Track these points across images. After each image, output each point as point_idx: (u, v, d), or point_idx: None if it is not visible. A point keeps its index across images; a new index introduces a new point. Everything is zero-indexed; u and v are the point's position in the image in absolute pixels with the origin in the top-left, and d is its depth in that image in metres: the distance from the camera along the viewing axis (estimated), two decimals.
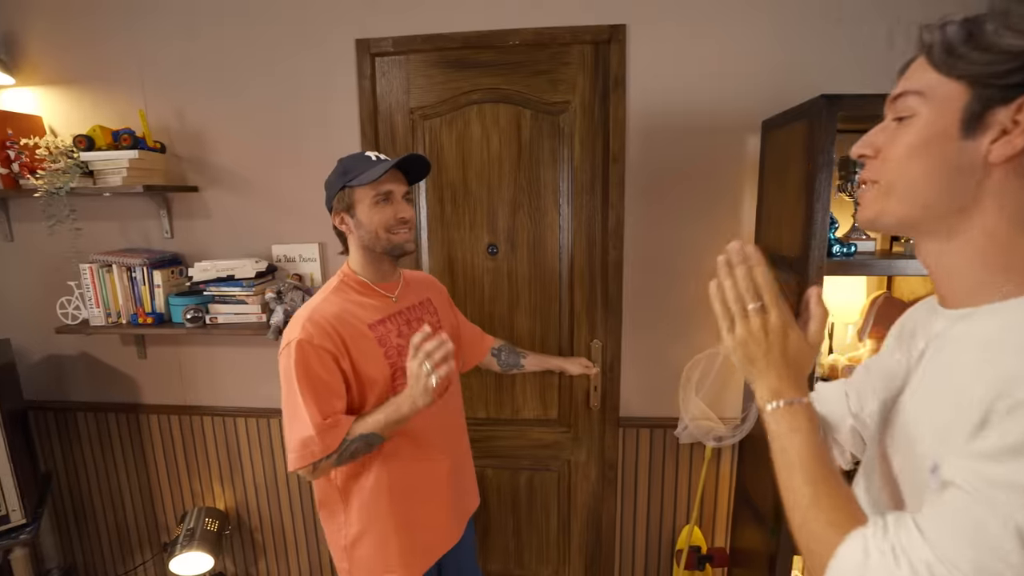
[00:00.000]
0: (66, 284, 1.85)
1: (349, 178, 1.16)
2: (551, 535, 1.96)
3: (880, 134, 0.57)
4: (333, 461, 1.09)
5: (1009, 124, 0.48)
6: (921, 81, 0.53)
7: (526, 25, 1.62)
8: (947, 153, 0.51)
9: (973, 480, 0.45)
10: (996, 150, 0.48)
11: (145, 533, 2.16)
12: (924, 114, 0.52)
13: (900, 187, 0.54)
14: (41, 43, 1.81)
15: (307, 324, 1.11)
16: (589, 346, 1.80)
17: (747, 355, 0.62)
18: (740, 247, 0.64)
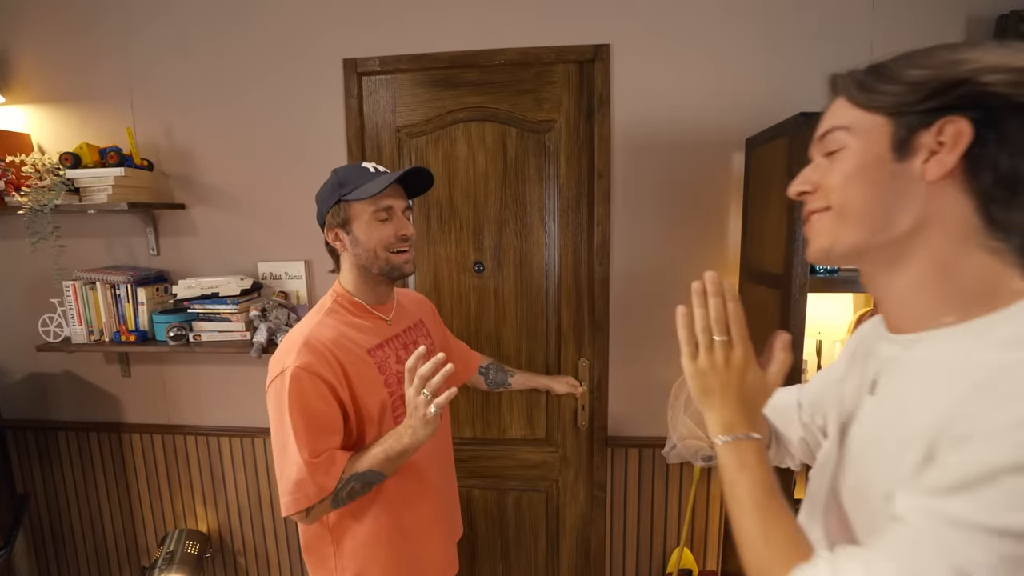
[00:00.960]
0: (48, 301, 1.83)
1: (345, 191, 1.06)
2: (539, 558, 1.92)
3: (814, 171, 0.59)
4: (329, 504, 0.99)
5: (935, 145, 0.50)
6: (846, 117, 0.55)
7: (511, 45, 1.64)
8: (884, 176, 0.52)
9: (917, 516, 0.46)
10: (930, 170, 0.50)
11: (124, 556, 2.11)
12: (854, 145, 0.54)
13: (851, 210, 0.55)
14: (31, 62, 1.83)
15: (303, 350, 1.00)
16: (576, 364, 1.78)
17: (705, 385, 0.63)
18: (715, 278, 0.65)
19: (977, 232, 0.50)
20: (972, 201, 0.49)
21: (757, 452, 0.60)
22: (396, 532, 1.11)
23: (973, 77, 0.47)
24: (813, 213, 0.59)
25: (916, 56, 0.52)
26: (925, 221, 0.51)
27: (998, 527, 0.42)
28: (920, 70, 0.50)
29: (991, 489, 0.42)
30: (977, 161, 0.48)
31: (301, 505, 0.97)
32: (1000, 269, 0.50)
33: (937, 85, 0.49)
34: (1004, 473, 0.42)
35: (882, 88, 0.52)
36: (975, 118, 0.48)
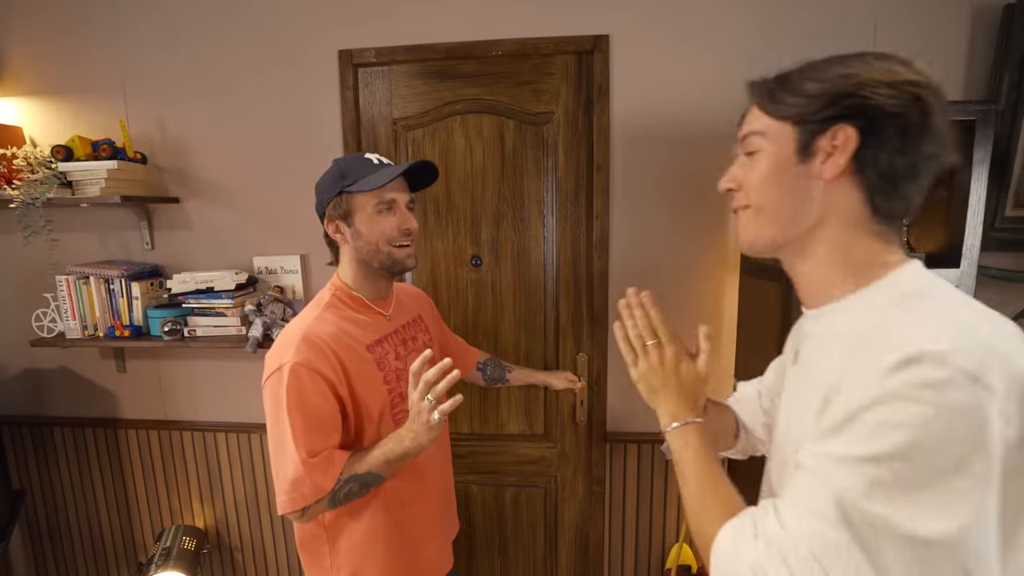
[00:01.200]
0: (42, 296, 1.82)
1: (348, 182, 1.03)
2: (538, 554, 1.91)
3: (739, 169, 0.68)
4: (326, 504, 0.97)
5: (830, 148, 0.59)
6: (760, 123, 0.65)
7: (509, 36, 1.61)
8: (791, 177, 0.62)
9: (811, 459, 0.54)
10: (826, 170, 0.60)
11: (122, 552, 2.10)
12: (767, 148, 0.64)
13: (766, 209, 0.65)
14: (23, 54, 1.80)
15: (302, 345, 0.97)
16: (575, 359, 1.76)
17: (649, 386, 0.74)
18: (636, 292, 0.76)
19: (865, 219, 0.60)
20: (861, 194, 0.60)
21: (698, 432, 0.70)
22: (393, 531, 1.10)
23: (857, 91, 0.57)
24: (738, 209, 0.68)
25: (814, 69, 0.61)
26: (825, 214, 0.61)
27: (863, 455, 0.49)
28: (816, 83, 0.59)
29: (855, 425, 0.51)
30: (863, 161, 0.58)
31: (297, 504, 0.96)
32: (883, 247, 0.61)
33: (830, 98, 0.58)
34: (863, 410, 0.50)
35: (787, 100, 0.61)
36: (860, 125, 0.57)
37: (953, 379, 0.47)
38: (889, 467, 0.48)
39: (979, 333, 0.51)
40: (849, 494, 0.49)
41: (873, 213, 0.60)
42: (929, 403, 0.47)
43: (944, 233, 1.31)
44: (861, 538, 0.48)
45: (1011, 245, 1.54)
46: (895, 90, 0.56)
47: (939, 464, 0.47)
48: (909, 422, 0.48)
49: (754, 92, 0.66)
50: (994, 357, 0.49)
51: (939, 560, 0.47)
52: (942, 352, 0.48)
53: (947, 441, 0.47)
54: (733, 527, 0.59)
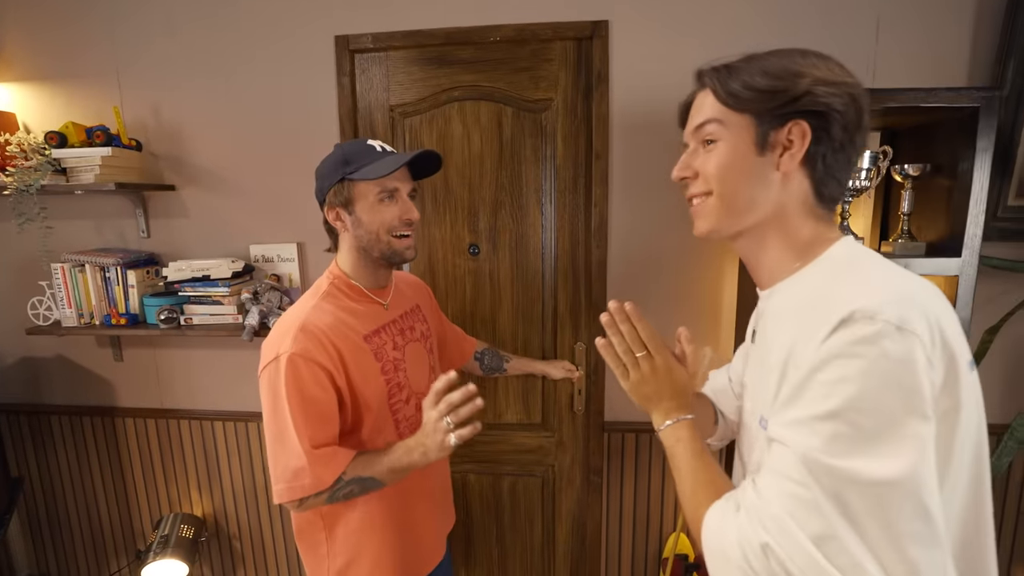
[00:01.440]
0: (37, 284, 1.81)
1: (350, 169, 1.01)
2: (535, 542, 1.91)
3: (693, 157, 0.70)
4: (324, 499, 0.97)
5: (786, 142, 0.64)
6: (717, 112, 0.67)
7: (507, 21, 1.59)
8: (750, 167, 0.66)
9: (777, 428, 0.58)
10: (784, 163, 0.64)
11: (120, 540, 2.11)
12: (726, 137, 0.66)
13: (727, 196, 0.67)
14: (16, 39, 1.78)
15: (300, 335, 0.96)
16: (573, 348, 1.76)
17: (643, 395, 0.76)
18: (619, 307, 0.76)
19: (812, 206, 0.66)
20: (809, 184, 0.65)
21: (689, 427, 0.72)
22: (389, 521, 1.10)
23: (811, 89, 0.61)
24: (695, 196, 0.71)
25: (764, 63, 0.64)
26: (781, 203, 0.66)
27: (818, 414, 0.54)
28: (770, 79, 0.63)
29: (808, 389, 0.55)
30: (813, 155, 0.63)
31: (296, 495, 0.95)
32: (825, 227, 0.68)
33: (787, 95, 0.62)
34: (812, 373, 0.55)
35: (744, 92, 0.64)
36: (812, 122, 0.62)
37: (882, 331, 0.52)
38: (842, 421, 0.52)
39: (901, 289, 0.57)
40: (812, 452, 0.53)
41: (818, 200, 0.66)
42: (865, 356, 0.52)
43: (946, 222, 1.29)
44: (827, 491, 0.52)
45: (1013, 235, 1.53)
46: (839, 89, 0.61)
47: (885, 410, 0.52)
48: (851, 376, 0.52)
49: (710, 81, 0.68)
50: (916, 308, 0.54)
51: (900, 498, 0.51)
52: (869, 309, 0.54)
53: (887, 388, 0.52)
54: (719, 507, 0.63)
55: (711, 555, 0.62)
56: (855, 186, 1.31)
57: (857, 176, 1.29)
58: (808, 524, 0.52)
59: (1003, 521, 1.68)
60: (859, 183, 1.30)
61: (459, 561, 1.94)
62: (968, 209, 1.21)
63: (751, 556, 0.56)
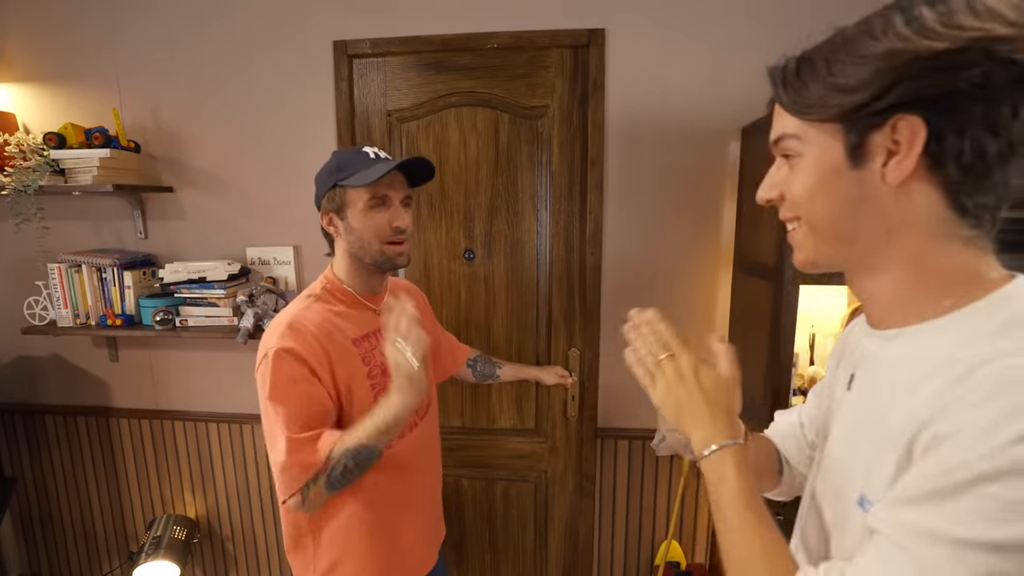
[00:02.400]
0: (34, 284, 1.81)
1: (342, 176, 1.02)
2: (527, 548, 1.91)
3: (778, 174, 0.57)
4: (324, 487, 0.93)
5: (891, 145, 0.47)
6: (792, 125, 0.53)
7: (504, 28, 1.60)
8: (844, 186, 0.50)
9: (894, 527, 0.44)
10: (890, 174, 0.47)
11: (113, 540, 2.11)
12: (808, 154, 0.52)
13: (819, 226, 0.54)
14: (17, 40, 1.79)
15: (287, 332, 0.97)
16: (567, 354, 1.76)
17: (675, 404, 0.62)
18: (639, 312, 0.67)
19: (950, 223, 0.48)
20: (940, 194, 0.47)
21: (736, 462, 0.57)
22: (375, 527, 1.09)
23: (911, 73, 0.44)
24: (787, 222, 0.58)
25: (849, 46, 0.48)
26: (896, 224, 0.49)
27: (975, 540, 0.39)
28: (856, 67, 0.47)
29: (968, 499, 0.40)
30: (939, 154, 0.46)
31: (292, 487, 0.93)
32: (976, 259, 0.49)
33: (879, 87, 0.45)
34: (982, 481, 0.39)
35: (820, 97, 0.49)
36: (924, 112, 0.45)
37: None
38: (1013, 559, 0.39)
39: None
40: None
41: (960, 215, 0.47)
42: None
43: None
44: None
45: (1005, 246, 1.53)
46: (963, 56, 0.42)
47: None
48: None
49: (776, 88, 0.53)
50: None
51: None
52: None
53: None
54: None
55: None
56: None
57: None
58: None
59: None
60: None
61: (451, 565, 1.94)
62: None
63: None
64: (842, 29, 0.51)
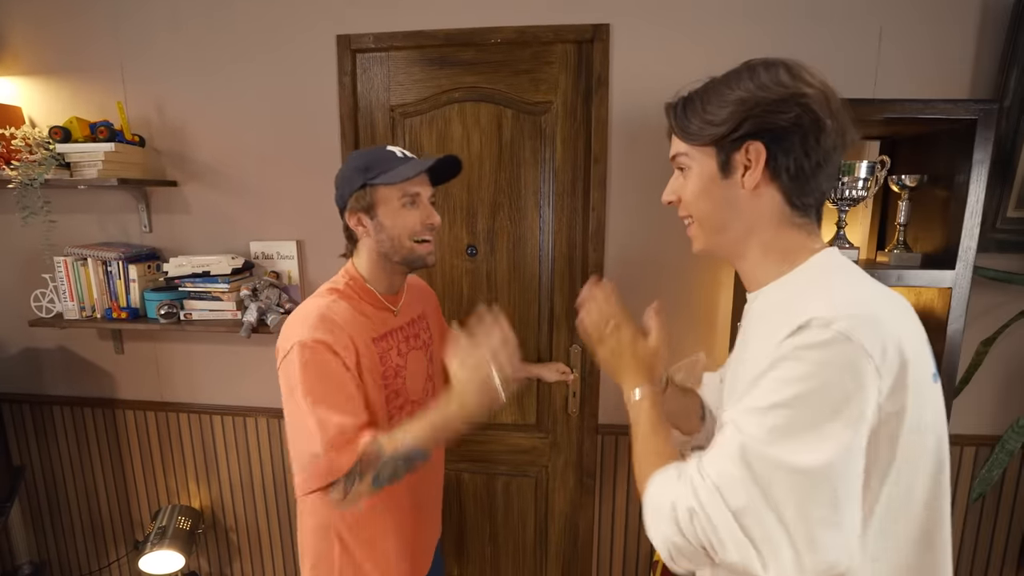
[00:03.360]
0: (40, 277, 1.83)
1: (372, 175, 1.01)
2: (528, 542, 1.92)
3: (675, 183, 0.77)
4: (369, 483, 0.90)
5: (746, 162, 0.68)
6: (683, 147, 0.74)
7: (508, 23, 1.59)
8: (718, 191, 0.71)
9: (732, 415, 0.64)
10: (747, 182, 0.69)
11: (120, 530, 2.14)
12: (694, 167, 0.73)
13: (704, 221, 0.75)
14: (23, 33, 1.80)
15: (319, 323, 0.95)
16: (568, 351, 1.76)
17: (613, 365, 0.84)
18: (595, 284, 0.87)
19: (787, 215, 0.70)
20: (780, 195, 0.69)
21: (652, 400, 0.79)
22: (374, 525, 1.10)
23: (754, 113, 0.66)
24: (684, 219, 0.78)
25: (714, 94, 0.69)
26: (754, 218, 0.71)
27: (762, 406, 0.60)
28: (720, 108, 0.68)
29: (760, 384, 0.61)
30: (776, 169, 0.67)
31: (311, 486, 0.91)
32: (806, 236, 0.71)
33: (735, 123, 0.67)
34: (766, 371, 0.61)
35: (699, 129, 0.70)
36: (765, 140, 0.66)
37: (831, 339, 0.58)
38: (780, 415, 0.59)
39: (863, 303, 0.62)
40: (751, 440, 0.59)
41: (793, 209, 0.69)
42: (810, 361, 0.58)
43: (942, 234, 1.29)
44: (756, 473, 0.58)
45: (1012, 247, 1.52)
46: (785, 104, 0.65)
47: (817, 411, 0.57)
48: (795, 377, 0.59)
49: (670, 120, 0.75)
50: (870, 321, 0.59)
51: (815, 486, 0.57)
52: (824, 317, 0.59)
53: (823, 392, 0.57)
54: (663, 473, 0.69)
55: (649, 510, 0.69)
56: (852, 195, 1.31)
57: (854, 186, 1.29)
58: (733, 499, 0.59)
59: (995, 531, 1.68)
60: (856, 192, 1.30)
61: (452, 559, 1.96)
62: (963, 221, 1.21)
63: (681, 518, 0.63)
64: (712, 79, 0.72)
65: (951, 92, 1.46)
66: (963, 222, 1.21)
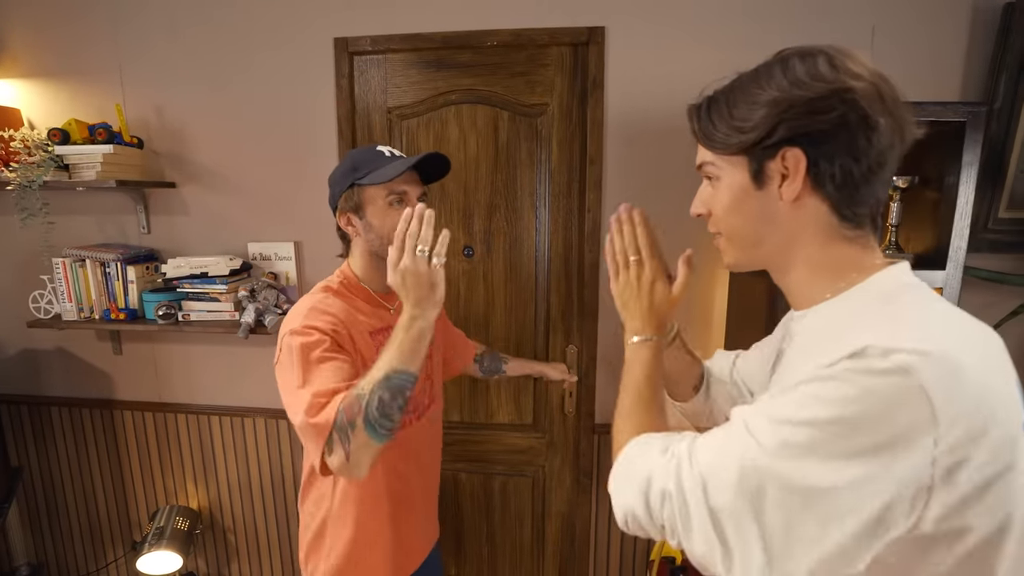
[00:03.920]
0: (39, 278, 1.84)
1: (359, 175, 1.02)
2: (525, 542, 1.93)
3: (704, 193, 0.69)
4: (363, 429, 0.84)
5: (783, 171, 0.59)
6: (709, 155, 0.65)
7: (504, 26, 1.60)
8: (752, 204, 0.63)
9: (746, 412, 0.57)
10: (784, 193, 0.60)
11: (117, 530, 2.14)
12: (724, 178, 0.64)
13: (735, 237, 0.67)
14: (21, 35, 1.81)
15: (311, 313, 0.98)
16: (564, 351, 1.77)
17: (624, 300, 0.78)
18: (629, 209, 0.79)
19: (835, 227, 0.60)
20: (825, 206, 0.60)
21: (653, 351, 0.74)
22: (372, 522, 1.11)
23: (789, 116, 0.57)
24: (715, 233, 0.70)
25: (743, 94, 0.61)
26: (795, 232, 0.62)
27: (784, 418, 0.52)
28: (749, 111, 0.59)
29: (790, 394, 0.54)
30: (818, 177, 0.58)
31: (319, 445, 0.87)
32: (860, 252, 0.61)
33: (767, 128, 0.58)
34: (800, 384, 0.53)
35: (725, 135, 0.62)
36: (804, 145, 0.57)
37: (888, 370, 0.48)
38: (803, 432, 0.51)
39: (936, 338, 0.51)
40: (758, 449, 0.53)
41: (842, 220, 0.60)
42: (857, 385, 0.49)
43: (933, 234, 1.30)
44: (751, 482, 0.52)
45: (1004, 247, 1.53)
46: (826, 102, 0.55)
47: (847, 441, 0.49)
48: (833, 399, 0.50)
49: (693, 125, 0.66)
50: (942, 362, 0.48)
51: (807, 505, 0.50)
52: (885, 347, 0.49)
53: (860, 423, 0.48)
54: (648, 438, 0.66)
55: (620, 471, 0.66)
56: None
57: None
58: (717, 496, 0.54)
59: None
60: None
61: (450, 558, 1.96)
62: (953, 222, 1.22)
63: (653, 495, 0.60)
64: (740, 75, 0.63)
65: (943, 95, 1.48)
66: (953, 223, 1.22)
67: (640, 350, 0.74)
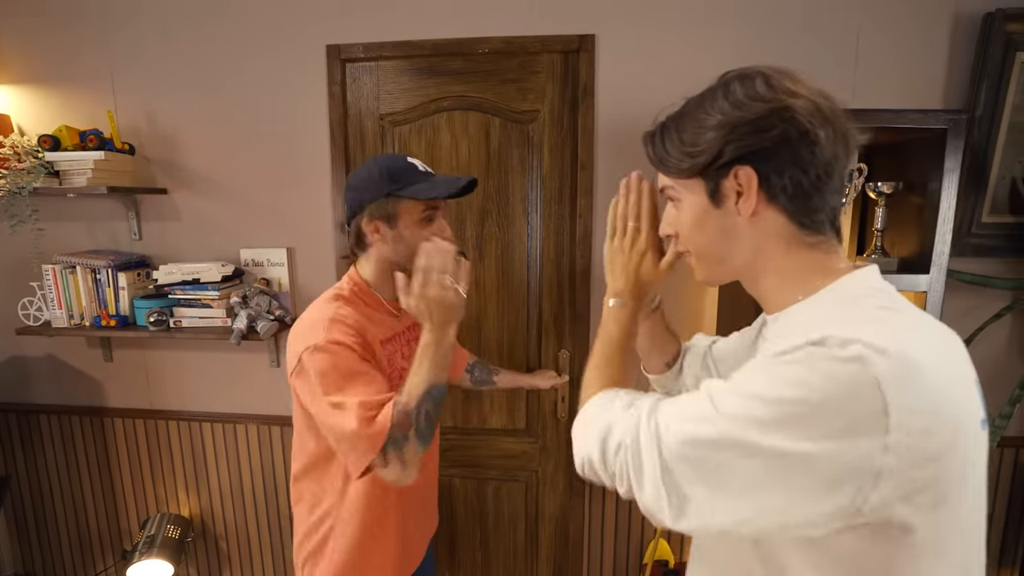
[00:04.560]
0: (28, 285, 1.83)
1: (399, 186, 1.02)
2: (518, 547, 1.93)
3: (670, 215, 0.73)
4: (415, 439, 0.92)
5: (738, 188, 0.62)
6: (668, 179, 0.69)
7: (496, 33, 1.62)
8: (714, 222, 0.65)
9: (711, 387, 0.58)
10: (742, 209, 0.62)
11: (107, 539, 2.12)
12: (684, 200, 0.68)
13: (702, 255, 0.69)
14: (11, 42, 1.80)
15: (331, 325, 0.98)
16: (557, 356, 1.78)
17: (613, 262, 0.81)
18: (639, 177, 0.81)
19: (796, 235, 0.63)
20: (783, 217, 0.62)
21: (629, 315, 0.78)
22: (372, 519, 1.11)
23: (733, 138, 0.60)
24: (685, 252, 0.73)
25: (690, 121, 0.64)
26: (758, 244, 0.64)
27: (750, 392, 0.54)
28: (697, 136, 0.62)
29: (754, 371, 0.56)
30: (771, 190, 0.61)
31: (366, 460, 0.93)
32: (824, 256, 0.63)
33: (715, 151, 0.61)
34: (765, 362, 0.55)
35: (678, 161, 0.65)
36: (753, 162, 0.60)
37: (847, 359, 0.50)
38: (765, 408, 0.52)
39: (897, 338, 0.52)
40: (720, 417, 0.55)
41: (801, 228, 0.62)
42: (820, 372, 0.50)
43: (917, 239, 1.33)
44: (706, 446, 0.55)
45: (987, 251, 1.57)
46: (766, 120, 0.58)
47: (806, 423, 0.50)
48: (798, 381, 0.51)
49: (648, 153, 0.70)
50: (900, 361, 0.50)
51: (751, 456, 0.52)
52: (846, 339, 0.50)
53: (820, 409, 0.50)
54: (615, 392, 0.69)
55: (584, 419, 0.70)
56: None
57: None
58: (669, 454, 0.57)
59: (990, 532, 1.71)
60: None
61: (443, 564, 1.96)
62: (936, 227, 1.25)
63: (609, 445, 0.63)
64: (688, 100, 0.66)
65: (926, 102, 1.51)
66: (936, 228, 1.25)
67: (617, 314, 0.78)
